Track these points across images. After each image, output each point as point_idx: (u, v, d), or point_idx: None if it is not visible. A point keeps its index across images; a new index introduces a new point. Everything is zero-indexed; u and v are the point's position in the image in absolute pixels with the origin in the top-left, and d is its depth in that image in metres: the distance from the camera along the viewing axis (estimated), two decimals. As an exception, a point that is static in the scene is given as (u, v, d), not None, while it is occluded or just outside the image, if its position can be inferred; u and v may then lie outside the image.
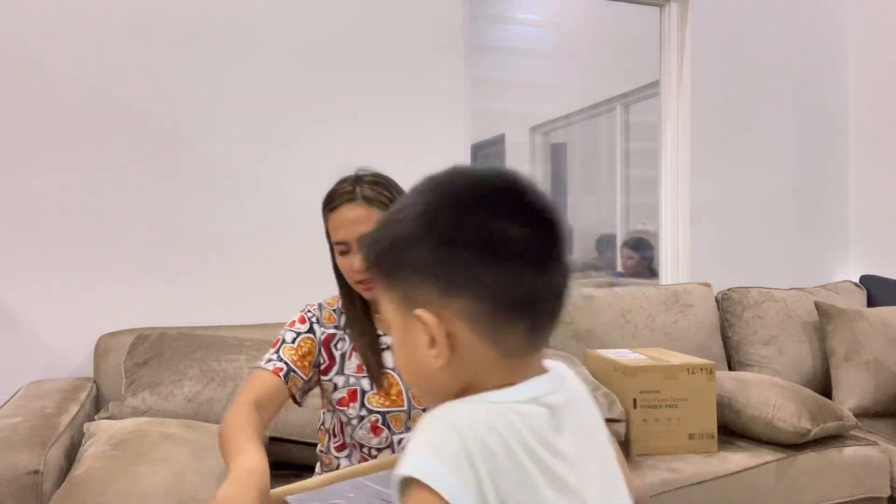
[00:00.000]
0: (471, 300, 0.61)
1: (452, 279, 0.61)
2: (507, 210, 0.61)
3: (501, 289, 0.60)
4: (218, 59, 2.22)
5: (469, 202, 0.62)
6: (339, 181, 1.34)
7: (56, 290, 2.06)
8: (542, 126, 3.29)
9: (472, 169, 0.67)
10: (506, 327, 0.61)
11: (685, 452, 1.91)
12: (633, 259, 3.23)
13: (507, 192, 0.63)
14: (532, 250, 0.61)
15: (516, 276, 0.61)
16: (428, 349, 0.62)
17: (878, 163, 3.09)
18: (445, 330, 0.61)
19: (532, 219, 0.62)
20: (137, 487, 1.31)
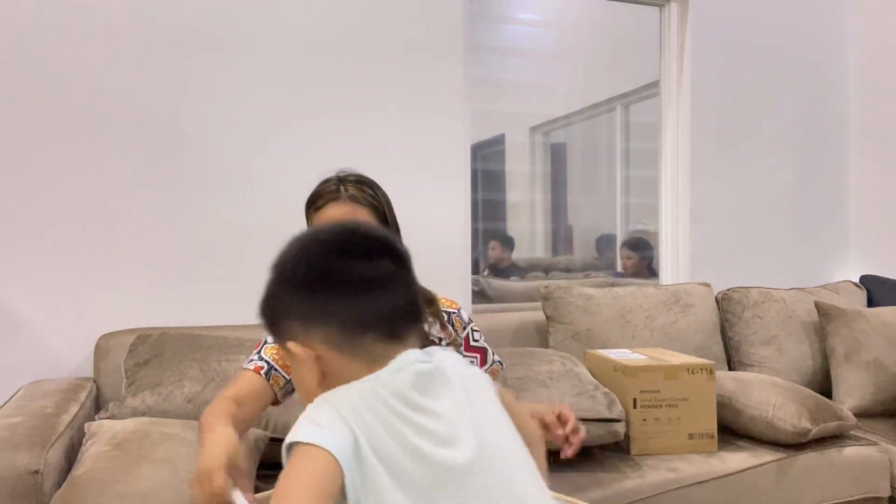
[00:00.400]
0: (324, 328, 0.77)
1: (308, 315, 0.78)
2: (342, 252, 0.79)
3: (344, 314, 0.77)
4: (218, 60, 2.22)
5: (311, 253, 0.81)
6: (321, 182, 1.37)
7: (56, 290, 2.06)
8: (542, 126, 3.29)
9: (318, 228, 0.89)
10: (359, 341, 0.77)
11: (685, 452, 1.91)
12: (633, 259, 3.23)
13: (343, 238, 0.81)
14: (362, 279, 0.78)
15: (354, 302, 0.77)
16: (307, 374, 0.78)
17: (878, 163, 3.09)
18: (313, 355, 0.77)
19: (363, 254, 0.79)
20: (139, 487, 1.31)
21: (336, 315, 0.77)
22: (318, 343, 0.77)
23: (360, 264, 0.78)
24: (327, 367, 0.78)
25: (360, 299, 0.77)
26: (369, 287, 0.78)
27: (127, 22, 2.12)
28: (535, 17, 3.17)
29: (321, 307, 0.77)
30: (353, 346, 0.77)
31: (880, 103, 3.08)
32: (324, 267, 0.79)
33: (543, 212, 3.24)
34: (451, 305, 1.48)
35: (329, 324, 0.77)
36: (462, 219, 2.53)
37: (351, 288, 0.77)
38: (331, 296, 0.77)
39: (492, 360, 1.48)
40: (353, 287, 0.77)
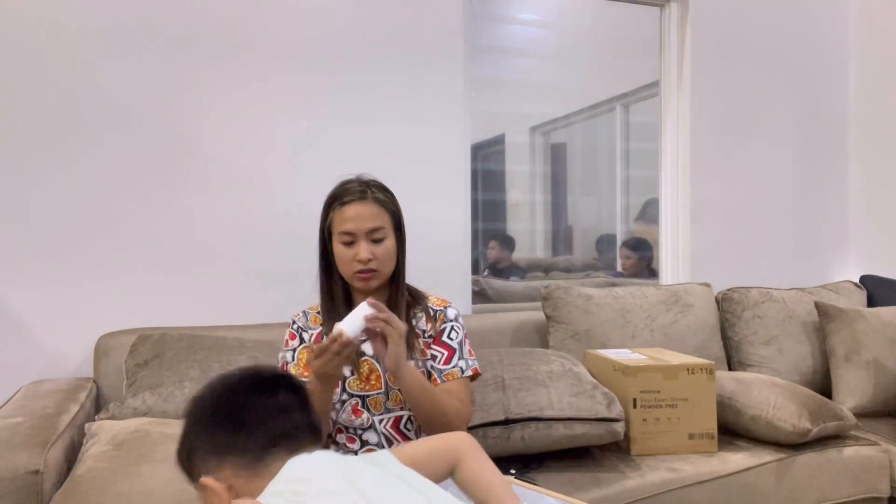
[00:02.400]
0: (234, 457, 0.86)
1: (219, 448, 0.87)
2: (244, 390, 0.90)
3: (250, 441, 0.87)
4: (218, 59, 2.22)
5: (217, 395, 0.91)
6: (345, 181, 1.47)
7: (56, 290, 2.06)
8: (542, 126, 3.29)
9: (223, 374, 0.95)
10: (263, 462, 0.86)
11: (685, 452, 1.92)
12: (633, 259, 3.23)
13: (246, 378, 0.92)
14: (264, 408, 0.89)
15: (258, 429, 0.87)
16: (215, 500, 0.85)
17: (878, 163, 3.09)
18: (225, 486, 0.85)
19: (263, 389, 0.90)
20: (139, 487, 1.31)
21: (241, 445, 0.87)
22: (229, 473, 0.86)
23: (262, 398, 0.90)
24: (237, 492, 0.86)
25: (261, 428, 0.88)
26: (269, 416, 0.89)
27: (128, 22, 2.12)
28: (535, 17, 3.17)
29: (229, 440, 0.87)
30: (258, 468, 0.86)
31: (880, 103, 3.08)
32: (229, 404, 0.90)
33: (543, 212, 3.24)
34: (441, 304, 1.53)
35: (237, 453, 0.86)
36: (462, 219, 2.53)
37: (255, 417, 0.88)
38: (236, 429, 0.87)
39: (455, 364, 1.46)
40: (257, 416, 0.88)
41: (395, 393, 1.43)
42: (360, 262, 1.40)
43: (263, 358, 1.86)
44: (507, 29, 3.10)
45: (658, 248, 3.05)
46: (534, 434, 1.78)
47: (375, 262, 1.41)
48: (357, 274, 1.41)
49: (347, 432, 1.44)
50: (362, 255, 1.39)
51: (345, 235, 1.40)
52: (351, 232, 1.40)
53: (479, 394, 1.83)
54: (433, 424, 1.36)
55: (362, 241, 1.40)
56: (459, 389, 1.45)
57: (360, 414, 1.42)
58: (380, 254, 1.41)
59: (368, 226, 1.40)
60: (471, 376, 1.49)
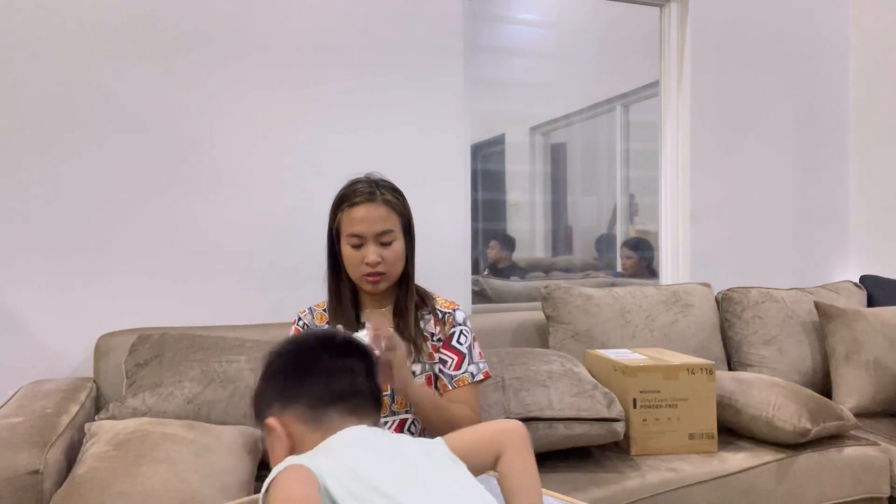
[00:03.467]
0: (297, 405, 0.94)
1: (284, 396, 0.95)
2: (316, 349, 0.98)
3: (312, 393, 0.94)
4: (218, 59, 2.22)
5: (290, 351, 1.00)
6: (353, 182, 1.45)
7: (56, 290, 2.06)
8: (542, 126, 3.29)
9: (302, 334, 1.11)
10: (323, 416, 0.93)
11: (685, 452, 1.92)
12: (631, 259, 3.23)
13: (321, 339, 1.00)
14: (330, 367, 0.96)
15: (320, 383, 0.95)
16: (279, 446, 0.93)
17: (878, 163, 3.09)
18: (286, 431, 0.93)
19: (335, 352, 0.98)
20: (139, 487, 1.31)
21: (305, 395, 0.94)
22: (291, 419, 0.94)
23: (331, 358, 0.97)
24: (295, 442, 0.93)
25: (325, 383, 0.95)
26: (335, 374, 0.96)
27: (129, 22, 2.12)
28: (535, 17, 3.17)
29: (295, 388, 0.95)
30: (318, 421, 0.93)
31: (880, 103, 3.08)
32: (300, 357, 0.98)
33: (543, 212, 3.24)
34: (450, 306, 1.52)
35: (301, 401, 0.94)
36: (462, 219, 2.53)
37: (321, 372, 0.96)
38: (303, 379, 0.95)
39: (465, 370, 1.47)
40: (319, 375, 0.96)
41: (400, 396, 1.42)
42: (369, 265, 1.39)
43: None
44: (507, 29, 3.10)
45: (658, 248, 3.05)
46: (534, 434, 1.78)
47: (384, 264, 1.40)
48: (365, 277, 1.40)
49: None
50: (371, 257, 1.38)
51: (353, 238, 1.39)
52: (359, 234, 1.39)
53: (480, 394, 1.82)
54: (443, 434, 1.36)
55: (371, 244, 1.39)
56: (469, 397, 1.44)
57: None
58: (388, 256, 1.40)
59: (377, 228, 1.38)
60: (481, 380, 1.49)
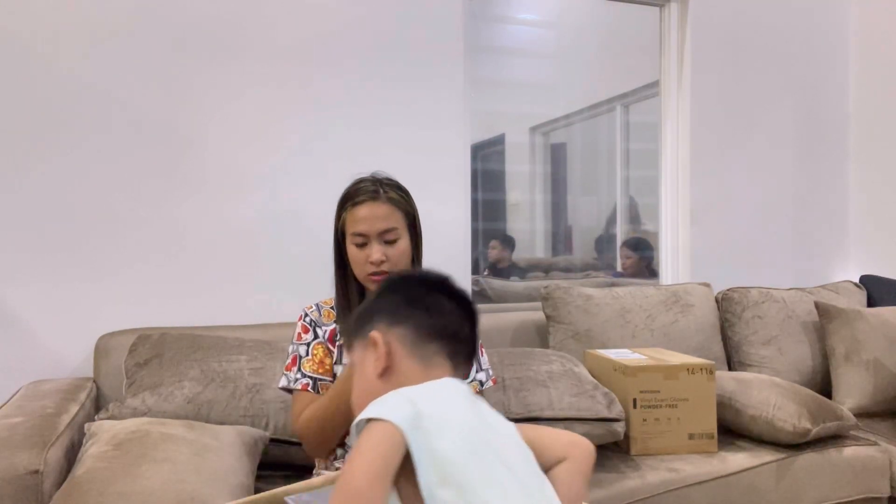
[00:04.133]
0: (407, 328, 0.94)
1: (392, 315, 0.95)
2: (430, 286, 0.99)
3: (420, 322, 0.95)
4: (218, 60, 2.22)
5: (406, 282, 1.01)
6: (357, 180, 1.46)
7: (56, 290, 2.06)
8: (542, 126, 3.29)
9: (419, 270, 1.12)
10: (426, 348, 0.94)
11: (685, 452, 1.92)
12: (631, 259, 3.23)
13: (435, 280, 1.00)
14: (440, 306, 0.97)
15: (429, 316, 0.95)
16: (374, 364, 0.93)
17: (878, 163, 3.09)
18: (387, 348, 0.93)
19: (447, 293, 0.99)
20: (139, 487, 1.31)
21: (414, 320, 0.95)
22: (394, 340, 0.94)
23: (446, 298, 0.98)
24: (392, 363, 0.93)
25: (435, 316, 0.96)
26: (444, 313, 0.97)
27: (127, 21, 2.12)
28: (535, 17, 3.17)
29: (404, 312, 0.96)
30: (419, 349, 0.93)
31: (880, 103, 3.08)
32: (419, 287, 0.99)
33: (543, 212, 3.24)
34: None
35: (408, 326, 0.94)
36: (462, 219, 2.53)
37: (430, 307, 0.97)
38: (413, 308, 0.96)
39: (473, 378, 1.48)
40: (432, 308, 0.97)
41: None
42: (373, 264, 1.38)
43: (263, 358, 1.86)
44: (507, 29, 3.10)
45: (658, 248, 3.05)
46: (534, 434, 1.78)
47: (388, 263, 1.39)
48: (370, 276, 1.40)
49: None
50: (374, 256, 1.38)
51: (357, 237, 1.39)
52: (363, 233, 1.39)
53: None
54: None
55: (374, 243, 1.39)
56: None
57: None
58: (393, 255, 1.40)
59: (380, 227, 1.38)
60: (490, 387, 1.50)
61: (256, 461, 1.61)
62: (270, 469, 1.73)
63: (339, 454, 1.40)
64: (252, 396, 1.75)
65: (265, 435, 1.68)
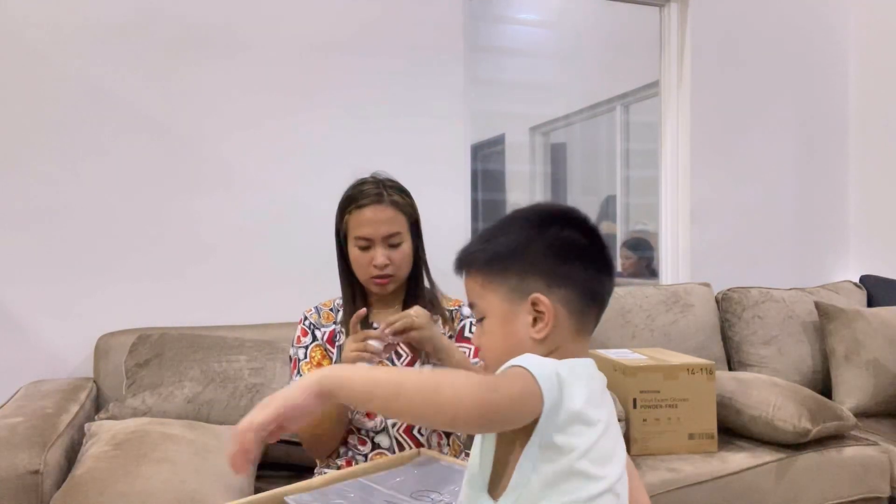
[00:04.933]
0: (568, 290, 0.84)
1: (555, 275, 0.84)
2: (586, 235, 0.87)
3: (586, 284, 0.85)
4: (217, 60, 2.22)
5: (563, 225, 0.86)
6: (359, 182, 1.45)
7: (56, 290, 2.06)
8: (542, 126, 3.29)
9: (552, 204, 0.94)
10: (587, 311, 0.86)
11: (685, 452, 1.92)
12: (630, 259, 3.23)
13: (583, 223, 0.88)
14: (602, 262, 0.87)
15: (595, 277, 0.86)
16: (531, 327, 0.83)
17: (878, 163, 3.09)
18: (553, 312, 0.82)
19: (599, 242, 0.88)
20: (139, 487, 1.31)
21: (580, 283, 0.84)
22: (558, 303, 0.83)
23: (600, 250, 0.88)
24: (554, 325, 0.83)
25: (598, 277, 0.86)
26: (599, 268, 0.87)
27: (127, 21, 2.12)
28: (535, 17, 3.17)
29: (569, 272, 0.84)
30: (583, 312, 0.85)
31: (880, 103, 3.08)
32: (576, 239, 0.86)
33: (543, 212, 3.24)
34: (455, 303, 1.53)
35: (573, 289, 0.84)
36: (462, 219, 2.53)
37: (595, 266, 0.86)
38: (579, 266, 0.85)
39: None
40: (596, 266, 0.86)
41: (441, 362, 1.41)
42: (377, 268, 1.38)
43: (263, 358, 1.86)
44: (507, 29, 3.10)
45: (658, 248, 3.05)
46: (534, 434, 1.78)
47: (392, 266, 1.39)
48: (373, 279, 1.40)
49: (359, 434, 1.41)
50: (379, 260, 1.38)
51: (361, 240, 1.39)
52: (367, 237, 1.38)
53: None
54: None
55: (378, 246, 1.38)
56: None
57: (373, 416, 1.39)
58: (396, 258, 1.40)
59: (385, 231, 1.38)
60: None
61: (257, 461, 1.61)
62: (270, 469, 1.73)
63: (341, 452, 1.40)
64: (252, 396, 1.76)
65: (265, 435, 1.68)
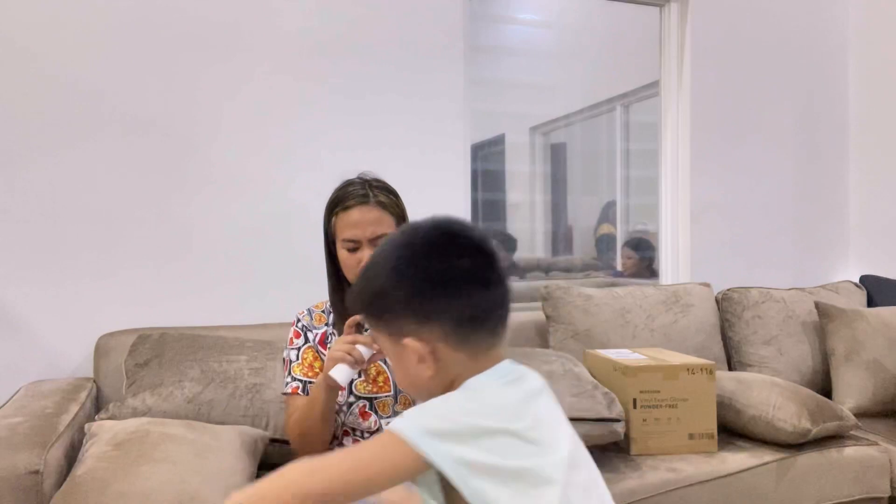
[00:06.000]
0: (442, 324, 0.82)
1: (424, 312, 0.82)
2: (451, 251, 0.83)
3: (462, 311, 0.82)
4: (217, 59, 2.22)
5: (423, 253, 0.83)
6: (345, 183, 1.45)
7: (56, 290, 2.06)
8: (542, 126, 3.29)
9: (418, 224, 0.87)
10: (470, 336, 0.83)
11: (685, 452, 1.92)
12: (632, 259, 3.23)
13: (448, 237, 0.84)
14: (474, 277, 0.83)
15: (468, 300, 0.82)
16: (418, 365, 0.83)
17: (878, 163, 3.09)
18: (429, 349, 0.82)
19: (469, 252, 0.83)
20: (139, 487, 1.31)
21: (449, 313, 0.82)
22: (433, 339, 0.82)
23: (465, 262, 0.83)
24: (438, 360, 0.83)
25: (470, 298, 0.82)
26: (476, 285, 0.83)
27: (129, 22, 2.12)
28: (535, 17, 3.17)
29: (436, 306, 0.82)
30: (463, 341, 0.83)
31: (880, 103, 3.08)
32: (434, 267, 0.82)
33: (543, 212, 3.24)
34: None
35: (444, 321, 0.82)
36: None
37: (462, 287, 0.82)
38: (444, 295, 0.82)
39: None
40: (464, 286, 0.82)
41: (403, 395, 1.42)
42: None
43: (263, 358, 1.86)
44: (507, 29, 3.10)
45: (658, 248, 3.05)
46: (534, 434, 1.78)
47: None
48: None
49: (354, 434, 1.43)
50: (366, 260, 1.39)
51: (348, 242, 1.39)
52: (354, 239, 1.39)
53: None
54: None
55: (366, 248, 1.39)
56: None
57: (367, 417, 1.40)
58: None
59: (372, 232, 1.38)
60: None
61: (256, 461, 1.61)
62: (270, 469, 1.72)
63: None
64: (252, 396, 1.76)
65: (265, 435, 1.69)
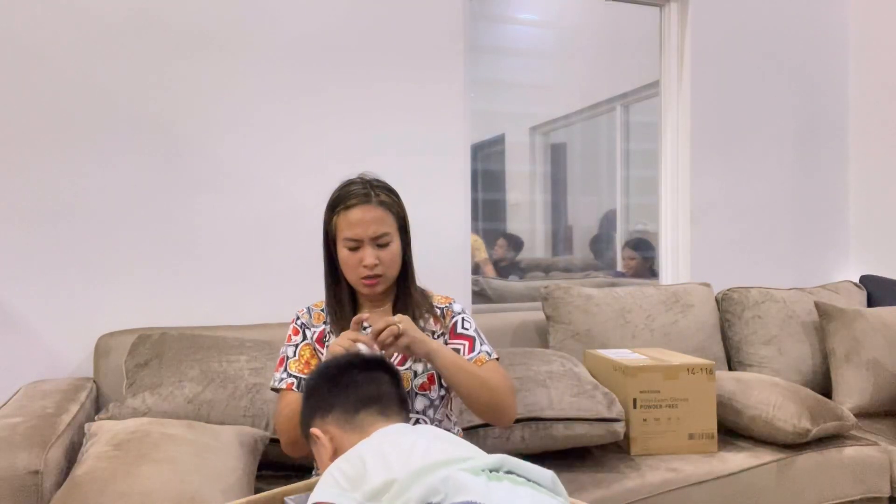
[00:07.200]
0: (333, 413, 1.10)
1: (323, 408, 1.11)
2: (345, 367, 1.16)
3: (344, 401, 1.10)
4: (218, 58, 2.22)
5: (323, 373, 1.17)
6: (346, 183, 1.46)
7: (56, 290, 2.06)
8: (542, 126, 3.29)
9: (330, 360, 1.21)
10: (354, 419, 1.08)
11: (685, 452, 1.92)
12: (634, 259, 3.23)
13: (347, 359, 1.18)
14: (357, 379, 1.13)
15: (349, 392, 1.11)
16: (323, 450, 1.08)
17: (878, 163, 3.09)
18: (327, 437, 1.08)
19: (361, 366, 1.16)
20: (139, 487, 1.31)
21: (338, 404, 1.10)
22: (331, 426, 1.09)
23: (357, 371, 1.14)
24: (337, 444, 1.06)
25: (354, 390, 1.11)
26: (361, 383, 1.12)
27: (129, 22, 2.12)
28: (535, 17, 3.17)
29: (328, 401, 1.11)
30: (351, 422, 1.08)
31: (880, 103, 3.08)
32: (331, 376, 1.15)
33: (543, 212, 3.24)
34: (445, 301, 1.54)
35: (336, 410, 1.09)
36: (462, 219, 2.53)
37: (349, 384, 1.12)
38: (335, 391, 1.12)
39: (480, 350, 1.46)
40: (350, 383, 1.12)
41: (410, 399, 1.41)
42: (367, 268, 1.39)
43: (263, 358, 1.86)
44: (507, 29, 3.10)
45: (658, 248, 3.05)
46: (534, 434, 1.78)
47: (381, 266, 1.40)
48: (363, 280, 1.41)
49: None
50: (368, 260, 1.38)
51: (350, 241, 1.39)
52: (355, 238, 1.39)
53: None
54: (480, 401, 1.36)
55: (367, 247, 1.39)
56: (496, 369, 1.44)
57: None
58: (385, 258, 1.40)
59: (373, 231, 1.38)
60: (497, 358, 1.48)
61: (256, 461, 1.61)
62: (270, 469, 1.73)
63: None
64: (252, 396, 1.76)
65: (265, 435, 1.68)
